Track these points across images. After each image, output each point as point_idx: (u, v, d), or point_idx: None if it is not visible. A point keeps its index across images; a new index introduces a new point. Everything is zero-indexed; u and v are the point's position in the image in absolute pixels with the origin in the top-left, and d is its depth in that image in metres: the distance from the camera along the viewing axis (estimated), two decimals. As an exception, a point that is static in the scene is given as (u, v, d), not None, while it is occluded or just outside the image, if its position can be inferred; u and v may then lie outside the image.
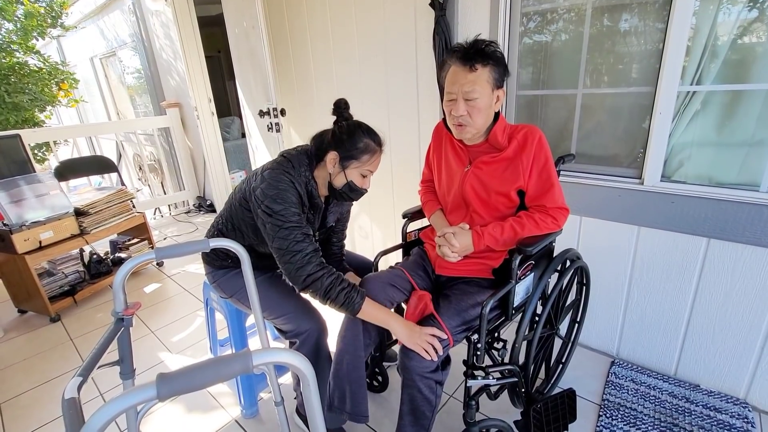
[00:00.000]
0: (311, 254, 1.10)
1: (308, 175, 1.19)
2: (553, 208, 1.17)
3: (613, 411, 1.42)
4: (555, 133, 1.66)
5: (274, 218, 1.09)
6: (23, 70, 4.60)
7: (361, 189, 1.22)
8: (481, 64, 1.08)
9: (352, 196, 1.24)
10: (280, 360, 0.56)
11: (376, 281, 1.25)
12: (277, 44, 2.63)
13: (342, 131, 1.18)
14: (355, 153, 1.16)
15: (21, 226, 2.09)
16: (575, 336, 1.58)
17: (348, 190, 1.21)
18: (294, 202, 1.12)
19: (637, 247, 1.52)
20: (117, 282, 0.86)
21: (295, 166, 1.17)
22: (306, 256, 1.09)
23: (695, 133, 1.37)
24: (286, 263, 1.10)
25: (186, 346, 1.97)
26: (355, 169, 1.18)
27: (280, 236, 1.09)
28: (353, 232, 2.65)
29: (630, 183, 1.48)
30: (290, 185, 1.13)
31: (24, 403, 1.67)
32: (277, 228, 1.09)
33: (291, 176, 1.14)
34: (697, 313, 1.45)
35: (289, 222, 1.09)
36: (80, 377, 0.68)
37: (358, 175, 1.19)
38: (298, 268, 1.09)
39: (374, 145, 1.19)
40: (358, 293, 1.10)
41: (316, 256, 1.10)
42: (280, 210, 1.09)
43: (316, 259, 1.10)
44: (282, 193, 1.11)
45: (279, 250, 1.11)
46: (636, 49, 1.42)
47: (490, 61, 1.09)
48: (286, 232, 1.09)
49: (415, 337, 1.08)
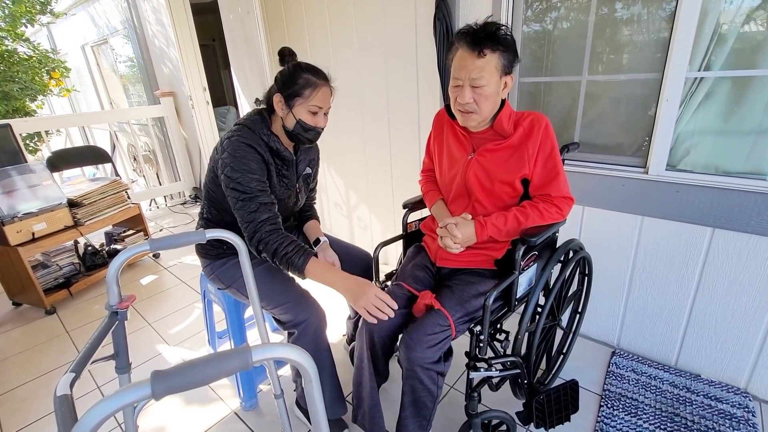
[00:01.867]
0: (263, 222, 1.14)
1: (267, 132, 1.21)
2: (557, 197, 1.15)
3: (615, 401, 1.41)
4: (558, 121, 1.63)
5: (234, 185, 1.13)
6: (12, 58, 4.50)
7: (313, 127, 1.21)
8: (491, 49, 1.04)
9: (308, 136, 1.23)
10: (280, 355, 0.54)
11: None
12: (273, 30, 2.56)
13: (283, 74, 1.20)
14: (297, 89, 1.17)
15: (13, 218, 2.05)
16: (577, 327, 1.57)
17: (301, 131, 1.21)
18: (253, 169, 1.14)
19: (641, 236, 1.50)
20: (110, 274, 0.83)
21: (252, 129, 1.20)
22: (259, 224, 1.13)
23: (702, 121, 1.34)
24: (244, 230, 1.15)
25: (184, 338, 1.95)
26: (300, 106, 1.18)
27: (237, 207, 1.15)
28: (352, 223, 2.62)
29: (634, 172, 1.46)
30: (248, 150, 1.15)
31: (20, 396, 1.65)
32: (235, 199, 1.14)
33: (247, 140, 1.16)
34: (700, 303, 1.44)
35: (246, 193, 1.13)
36: (73, 373, 0.66)
37: (306, 113, 1.19)
38: (251, 236, 1.14)
39: (315, 79, 1.19)
40: (302, 255, 1.12)
41: (267, 223, 1.14)
42: (238, 178, 1.13)
43: (267, 227, 1.14)
44: (239, 160, 1.13)
45: (238, 218, 1.16)
46: (643, 34, 1.38)
47: (500, 46, 1.05)
48: (242, 203, 1.14)
49: (362, 300, 1.05)
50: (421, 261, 1.30)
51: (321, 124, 1.23)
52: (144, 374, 1.73)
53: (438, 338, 1.07)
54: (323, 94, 1.20)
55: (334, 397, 1.31)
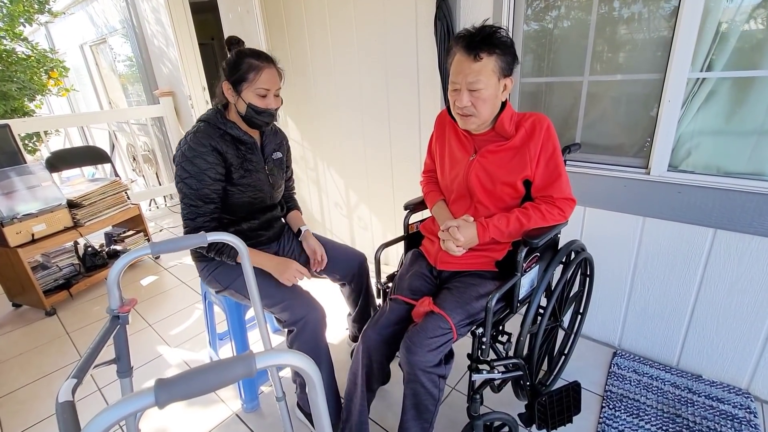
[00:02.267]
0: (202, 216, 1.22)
1: (224, 122, 1.25)
2: (560, 198, 1.14)
3: (616, 402, 1.41)
4: (560, 122, 1.63)
5: (180, 177, 1.20)
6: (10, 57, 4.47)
7: (264, 109, 1.23)
8: (487, 53, 1.04)
9: (262, 119, 1.25)
10: (284, 362, 0.53)
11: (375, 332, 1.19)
12: (272, 30, 2.56)
13: (228, 62, 1.23)
14: (241, 74, 1.20)
15: (12, 219, 2.04)
16: (578, 327, 1.57)
17: (254, 114, 1.23)
18: (203, 169, 1.19)
19: (642, 237, 1.50)
20: (111, 278, 0.83)
21: (208, 121, 1.24)
22: (198, 217, 1.22)
23: (703, 121, 1.33)
24: (184, 224, 1.24)
25: (184, 340, 1.95)
26: (247, 90, 1.21)
27: (181, 200, 1.22)
28: (352, 223, 2.62)
29: (636, 173, 1.45)
30: (202, 148, 1.19)
31: (21, 398, 1.65)
32: (181, 193, 1.21)
33: (199, 137, 1.20)
34: (701, 303, 1.44)
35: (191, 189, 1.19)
36: (75, 379, 0.65)
37: (253, 96, 1.21)
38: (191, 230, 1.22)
39: (257, 62, 1.21)
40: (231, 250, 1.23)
41: (206, 217, 1.22)
42: (186, 178, 1.19)
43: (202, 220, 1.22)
44: (190, 161, 1.18)
45: (182, 211, 1.24)
46: (644, 33, 1.38)
47: (497, 50, 1.05)
48: (182, 195, 1.21)
49: (286, 273, 1.24)
50: (418, 269, 1.29)
51: (272, 105, 1.25)
52: (145, 376, 1.74)
53: (439, 341, 1.06)
54: (268, 76, 1.22)
55: (330, 399, 1.31)
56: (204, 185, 1.20)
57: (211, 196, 1.23)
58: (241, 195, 1.29)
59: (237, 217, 1.33)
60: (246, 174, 1.28)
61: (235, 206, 1.30)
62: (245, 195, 1.30)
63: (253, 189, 1.31)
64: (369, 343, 1.18)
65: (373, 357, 1.18)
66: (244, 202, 1.31)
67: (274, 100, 1.26)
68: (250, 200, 1.32)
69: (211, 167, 1.20)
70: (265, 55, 1.24)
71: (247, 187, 1.29)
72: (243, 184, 1.28)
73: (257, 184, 1.32)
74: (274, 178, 1.39)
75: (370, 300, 1.60)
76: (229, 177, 1.25)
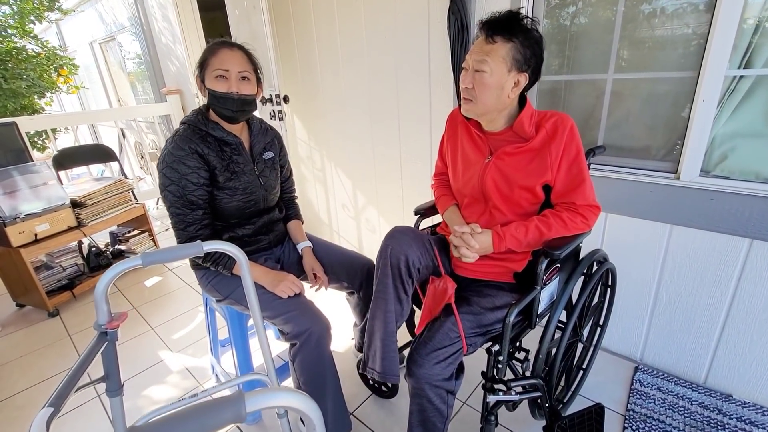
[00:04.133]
0: (191, 224, 1.17)
1: (206, 122, 1.18)
2: (583, 205, 1.06)
3: (640, 423, 1.32)
4: (581, 122, 1.53)
5: (164, 186, 1.14)
6: (20, 55, 4.48)
7: (226, 93, 1.14)
8: (503, 38, 0.97)
9: (228, 107, 1.15)
10: (279, 403, 0.46)
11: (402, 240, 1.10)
12: (279, 26, 2.49)
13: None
14: (202, 62, 1.15)
15: (15, 219, 2.01)
16: (598, 340, 1.48)
17: (215, 102, 1.16)
18: (184, 174, 1.13)
19: (669, 246, 1.40)
20: (99, 291, 0.76)
21: (189, 124, 1.18)
22: (188, 226, 1.16)
23: (741, 122, 1.23)
24: (176, 234, 1.19)
25: (187, 345, 1.89)
26: (208, 77, 1.14)
27: (171, 212, 1.17)
28: (360, 225, 2.55)
29: (664, 177, 1.35)
30: (181, 152, 1.13)
31: (19, 403, 1.61)
32: (169, 203, 1.16)
33: (177, 141, 1.14)
34: (734, 318, 1.34)
35: (178, 197, 1.14)
36: (51, 408, 0.59)
37: (213, 80, 1.14)
38: (184, 239, 1.17)
39: (215, 46, 1.15)
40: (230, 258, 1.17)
41: (198, 226, 1.17)
42: (169, 186, 1.14)
43: (193, 229, 1.17)
44: (170, 167, 1.13)
45: (172, 221, 1.19)
46: (677, 28, 1.28)
47: (514, 38, 0.97)
48: (174, 208, 1.16)
49: (279, 286, 1.18)
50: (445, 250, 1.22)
51: (234, 88, 1.14)
52: (145, 382, 1.69)
53: (448, 352, 0.99)
54: (224, 56, 1.13)
55: (337, 414, 1.24)
56: (187, 191, 1.14)
57: (197, 202, 1.16)
58: (230, 199, 1.22)
59: (229, 224, 1.27)
60: (233, 177, 1.21)
61: (225, 212, 1.24)
62: (234, 199, 1.23)
63: (243, 192, 1.24)
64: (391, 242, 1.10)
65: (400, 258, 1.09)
66: (235, 207, 1.24)
67: (240, 84, 1.15)
68: (240, 204, 1.24)
69: (193, 171, 1.14)
70: (228, 41, 1.18)
71: (235, 191, 1.22)
72: (231, 188, 1.21)
73: (247, 186, 1.24)
74: (265, 179, 1.30)
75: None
76: (215, 180, 1.18)
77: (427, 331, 1.04)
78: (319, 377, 1.18)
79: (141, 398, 1.59)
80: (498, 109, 1.05)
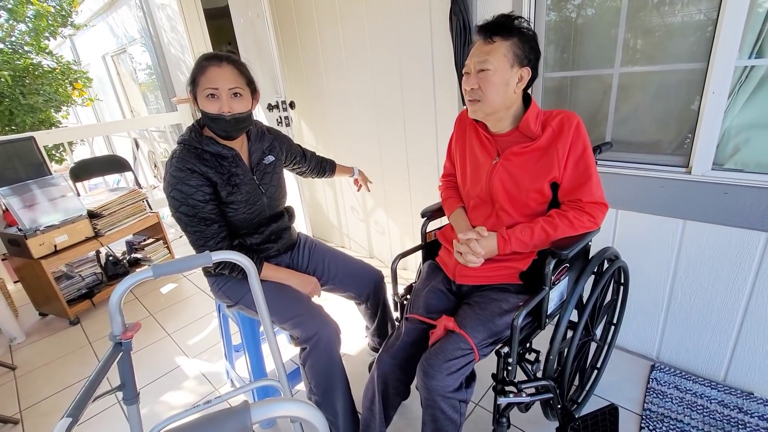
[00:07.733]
0: (211, 238, 1.17)
1: (200, 139, 1.16)
2: (589, 203, 1.04)
3: (657, 423, 1.30)
4: (588, 118, 1.51)
5: (175, 208, 1.15)
6: (37, 71, 4.62)
7: (217, 115, 1.10)
8: (501, 36, 0.99)
9: (221, 127, 1.13)
10: (284, 413, 0.47)
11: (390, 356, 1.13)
12: (284, 32, 2.52)
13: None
14: (192, 80, 1.11)
15: (35, 231, 2.08)
16: (612, 339, 1.46)
17: (209, 122, 1.13)
18: (190, 194, 1.13)
19: (682, 242, 1.37)
20: (113, 303, 0.79)
21: (183, 143, 1.16)
22: (208, 240, 1.17)
23: (754, 114, 1.20)
24: (196, 249, 1.20)
25: (202, 350, 1.93)
26: (200, 96, 1.11)
27: (188, 230, 1.17)
28: (369, 227, 2.55)
29: (675, 172, 1.33)
30: (182, 173, 1.12)
31: (44, 410, 1.67)
32: (184, 224, 1.16)
33: (175, 163, 1.13)
34: (753, 314, 1.30)
35: (189, 216, 1.14)
36: (70, 418, 0.61)
37: (204, 100, 1.10)
38: (199, 252, 1.17)
39: (204, 62, 1.10)
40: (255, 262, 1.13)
41: (213, 239, 1.17)
42: (176, 205, 1.14)
43: (213, 243, 1.17)
44: (176, 185, 1.12)
45: (190, 239, 1.19)
46: (684, 18, 1.25)
47: (512, 36, 0.99)
48: (183, 225, 1.16)
49: (308, 287, 1.29)
50: (435, 284, 1.20)
51: (225, 108, 1.09)
52: (162, 389, 1.72)
53: (459, 363, 0.98)
54: (212, 74, 1.08)
55: (347, 416, 1.25)
56: (198, 209, 1.14)
57: (210, 217, 1.17)
58: (235, 213, 1.22)
59: (239, 234, 1.27)
60: (234, 190, 1.20)
61: (233, 224, 1.24)
62: (239, 212, 1.22)
63: (246, 204, 1.23)
64: (384, 369, 1.11)
65: (389, 383, 1.12)
66: (241, 219, 1.24)
67: (232, 102, 1.10)
68: (246, 216, 1.24)
69: (197, 190, 1.13)
70: (216, 54, 1.12)
71: (239, 204, 1.21)
72: (234, 202, 1.20)
73: (249, 198, 1.23)
74: (266, 186, 1.29)
75: (388, 316, 1.53)
76: (218, 196, 1.18)
77: (440, 341, 1.04)
78: (329, 380, 1.20)
79: (159, 404, 1.63)
80: (506, 106, 1.05)
